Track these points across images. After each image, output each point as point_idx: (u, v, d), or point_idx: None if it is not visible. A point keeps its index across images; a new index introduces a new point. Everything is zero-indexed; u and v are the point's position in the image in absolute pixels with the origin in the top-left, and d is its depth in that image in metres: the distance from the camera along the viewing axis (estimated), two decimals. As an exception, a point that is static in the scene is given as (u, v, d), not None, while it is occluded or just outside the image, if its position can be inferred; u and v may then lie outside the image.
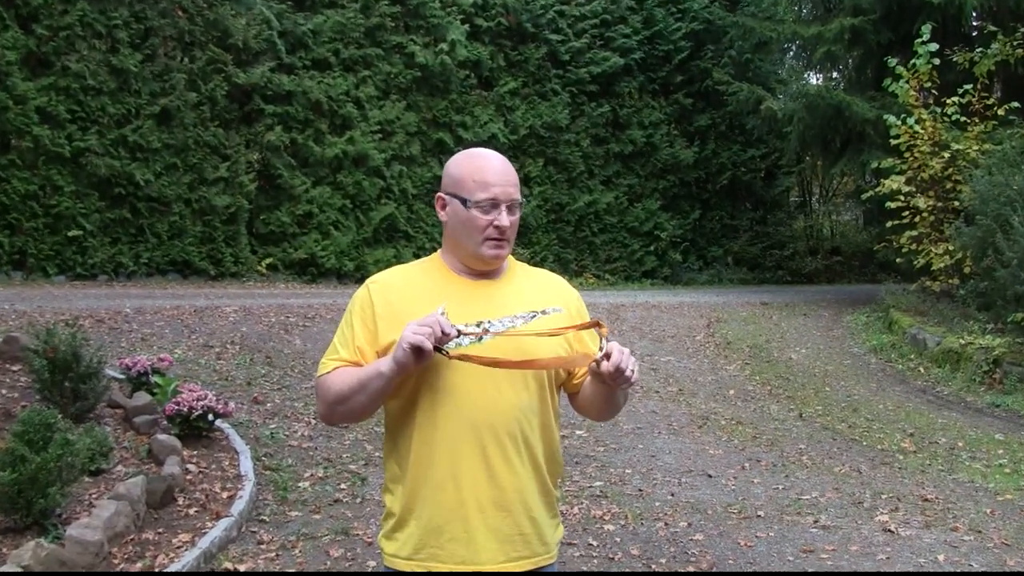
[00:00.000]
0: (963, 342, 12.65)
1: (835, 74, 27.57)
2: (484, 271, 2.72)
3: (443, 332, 2.44)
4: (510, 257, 2.84)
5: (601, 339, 2.55)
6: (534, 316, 2.66)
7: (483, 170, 2.67)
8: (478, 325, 2.58)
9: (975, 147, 15.59)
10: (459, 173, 2.70)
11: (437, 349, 2.45)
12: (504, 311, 2.64)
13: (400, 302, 2.65)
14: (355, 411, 2.64)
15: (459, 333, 2.49)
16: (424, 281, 2.72)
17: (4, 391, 7.61)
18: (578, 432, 9.27)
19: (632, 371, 2.50)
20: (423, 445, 2.59)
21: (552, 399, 2.72)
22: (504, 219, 2.63)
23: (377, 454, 7.92)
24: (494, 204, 2.63)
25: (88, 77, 16.94)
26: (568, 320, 2.71)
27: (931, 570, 6.05)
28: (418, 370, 2.53)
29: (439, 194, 2.76)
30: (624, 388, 2.57)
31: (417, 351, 2.42)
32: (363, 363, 2.62)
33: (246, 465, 7.20)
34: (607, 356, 2.49)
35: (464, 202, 2.65)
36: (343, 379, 2.60)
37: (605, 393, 2.66)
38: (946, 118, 16.10)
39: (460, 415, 2.56)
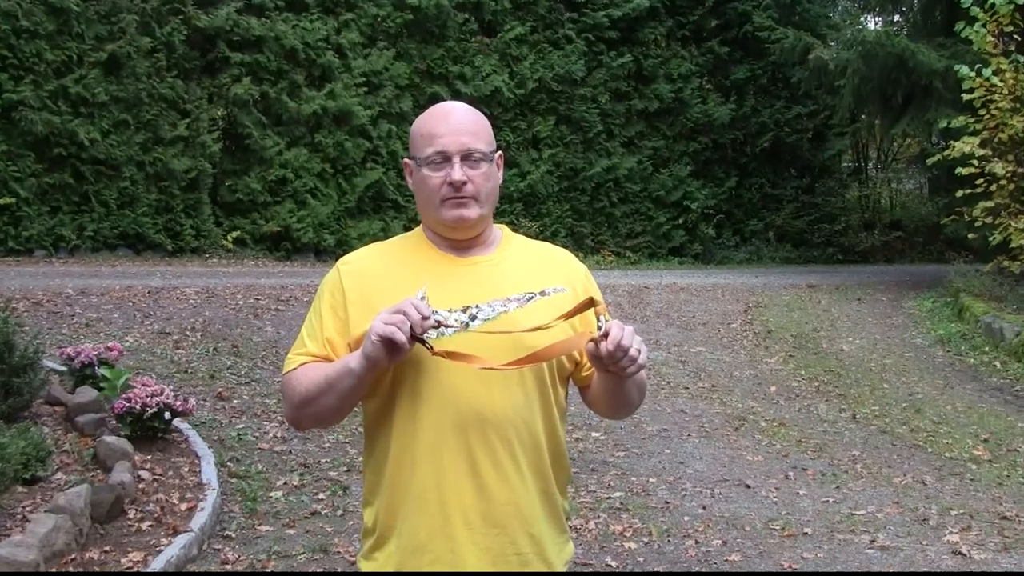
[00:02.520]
0: (1045, 332, 12.63)
1: (897, 17, 27.42)
2: (467, 244, 2.69)
3: (421, 317, 2.39)
4: (505, 229, 2.81)
5: (598, 318, 2.50)
6: (531, 298, 2.61)
7: (430, 122, 2.65)
8: (464, 310, 2.54)
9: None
10: (412, 132, 2.70)
11: (417, 339, 2.41)
12: (495, 292, 2.60)
13: (374, 285, 2.62)
14: (324, 414, 2.62)
15: (439, 324, 2.45)
16: (403, 260, 2.69)
17: (-74, 384, 7.58)
18: (594, 434, 9.25)
19: (638, 351, 2.44)
20: (402, 451, 2.56)
21: (556, 394, 2.68)
22: (457, 172, 2.58)
23: (361, 459, 7.90)
24: (444, 157, 2.59)
25: (21, 18, 16.86)
26: (571, 303, 2.65)
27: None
28: (394, 365, 2.49)
29: (404, 160, 2.74)
30: (632, 374, 2.48)
31: (389, 344, 2.37)
32: (334, 357, 2.59)
33: (209, 472, 7.18)
34: (605, 335, 2.43)
35: (418, 163, 2.64)
36: (310, 377, 2.57)
37: (612, 384, 2.62)
38: (1031, 69, 15.98)
39: (444, 416, 2.52)
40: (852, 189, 29.29)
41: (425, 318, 2.39)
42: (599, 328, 2.46)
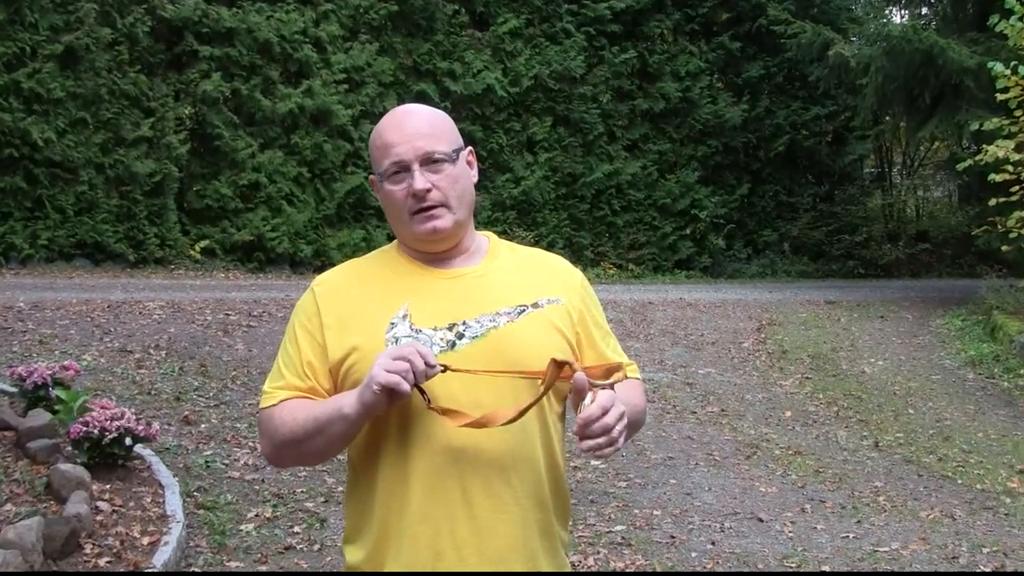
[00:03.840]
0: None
1: (924, 10, 27.42)
2: (448, 254, 2.68)
3: (426, 365, 2.38)
4: (492, 236, 2.80)
5: (587, 395, 2.41)
6: (522, 311, 2.61)
7: (383, 132, 2.63)
8: (450, 328, 2.54)
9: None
10: (369, 147, 2.69)
11: (417, 388, 2.41)
12: (483, 307, 2.59)
13: (350, 306, 2.62)
14: (311, 455, 2.63)
15: (445, 368, 2.43)
16: (379, 276, 2.68)
17: None
18: (593, 462, 9.23)
19: (617, 434, 2.37)
20: (392, 483, 2.54)
21: (554, 418, 2.66)
22: (418, 181, 2.55)
23: (340, 488, 7.89)
24: (402, 166, 2.57)
25: (-32, 6, 16.90)
26: (566, 314, 2.65)
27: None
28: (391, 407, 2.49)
29: (370, 177, 2.74)
30: (601, 455, 2.42)
31: (390, 393, 2.37)
32: (315, 386, 2.58)
33: (173, 502, 7.16)
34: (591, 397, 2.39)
35: (380, 178, 2.63)
36: (295, 417, 2.55)
37: None
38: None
39: (435, 445, 2.50)
40: (875, 197, 29.36)
41: (431, 366, 2.39)
42: (589, 395, 2.39)
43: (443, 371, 2.42)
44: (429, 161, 2.57)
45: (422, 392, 2.43)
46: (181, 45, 19.05)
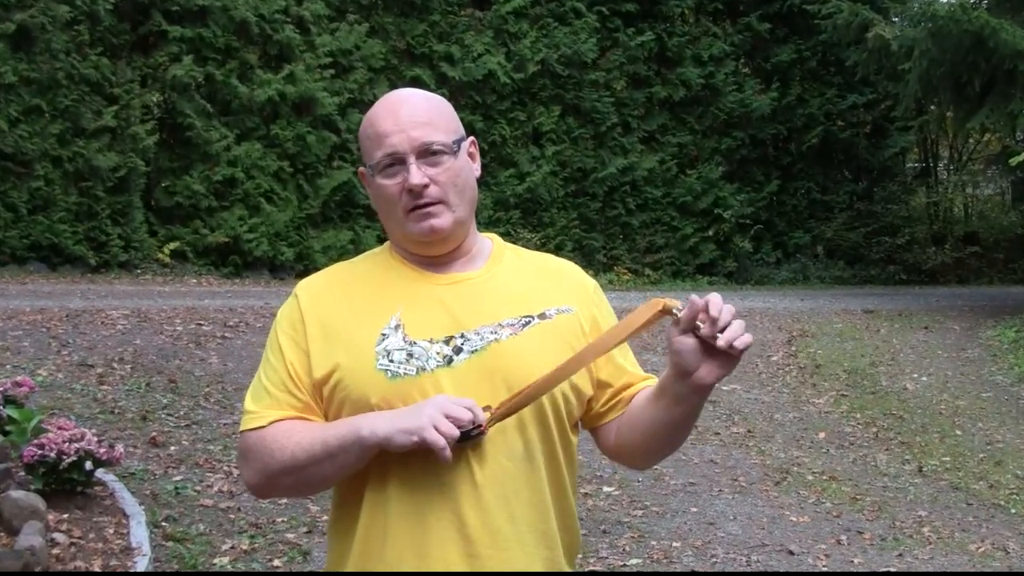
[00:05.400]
0: None
1: (974, -13, 27.50)
2: (446, 258, 2.65)
3: (473, 424, 2.40)
4: (496, 238, 2.78)
5: (673, 310, 2.41)
6: (528, 322, 2.59)
7: (376, 120, 2.60)
8: (447, 341, 2.52)
9: None
10: (360, 136, 2.66)
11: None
12: (484, 318, 2.57)
13: (337, 315, 2.59)
14: (311, 484, 2.60)
15: (482, 429, 2.43)
16: (369, 282, 2.66)
17: None
18: (606, 489, 9.24)
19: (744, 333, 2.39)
20: (376, 512, 2.53)
21: (564, 444, 2.64)
22: (414, 175, 2.52)
23: (325, 517, 7.89)
24: (397, 159, 2.54)
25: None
26: (577, 326, 2.64)
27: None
28: None
29: (359, 169, 2.71)
30: (743, 347, 2.40)
31: (427, 447, 2.37)
32: (309, 403, 2.56)
33: (139, 533, 7.15)
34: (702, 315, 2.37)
35: (371, 171, 2.60)
36: (294, 440, 2.51)
37: (680, 411, 2.54)
38: None
39: (427, 470, 2.47)
40: (918, 195, 29.39)
41: (478, 425, 2.41)
42: (678, 309, 2.40)
43: (482, 434, 2.44)
44: (427, 153, 2.54)
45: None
46: (148, 25, 19.07)
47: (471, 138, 2.69)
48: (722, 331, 2.36)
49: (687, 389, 2.44)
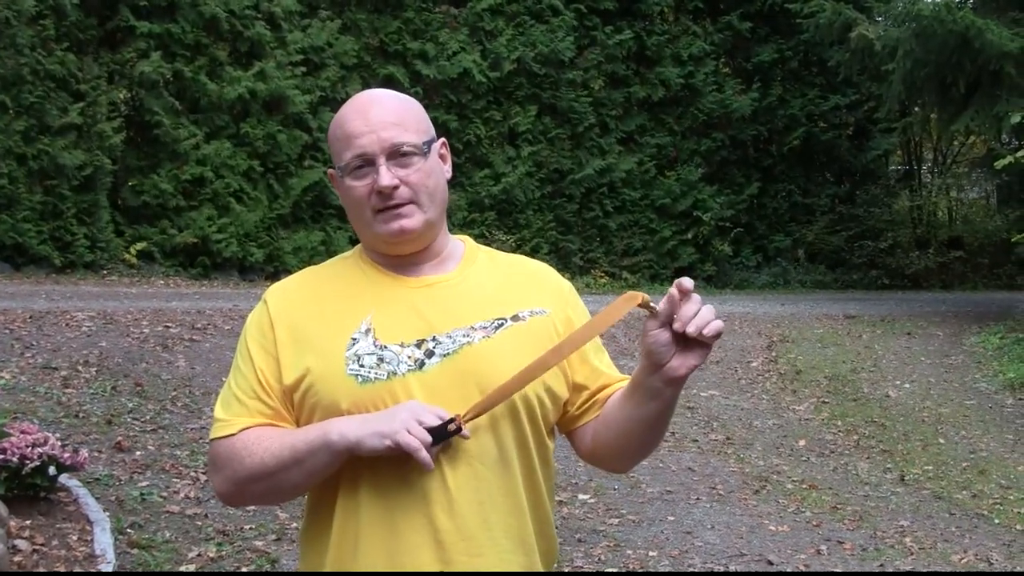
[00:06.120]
0: None
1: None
2: (416, 259, 2.66)
3: (448, 420, 2.43)
4: (469, 240, 2.79)
5: (650, 304, 2.43)
6: (500, 325, 2.59)
7: (345, 121, 2.61)
8: (418, 344, 2.53)
9: None
10: (329, 137, 2.67)
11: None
12: (456, 321, 2.58)
13: (307, 321, 2.60)
14: (282, 491, 2.60)
15: (459, 428, 2.45)
16: (340, 285, 2.67)
17: None
18: (581, 496, 9.25)
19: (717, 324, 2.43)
20: (348, 519, 2.54)
21: (540, 448, 2.65)
22: (384, 177, 2.53)
23: (295, 524, 7.89)
24: (366, 160, 2.55)
25: None
26: (552, 328, 2.64)
27: None
28: None
29: (328, 171, 2.72)
30: (713, 337, 2.44)
31: (401, 452, 2.39)
32: (279, 409, 2.57)
33: (103, 540, 7.14)
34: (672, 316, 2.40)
35: (340, 173, 2.61)
36: (265, 446, 2.51)
37: (654, 406, 2.54)
38: None
39: (399, 475, 2.48)
40: (902, 198, 29.48)
41: (451, 420, 2.43)
42: (652, 306, 2.42)
43: (458, 431, 2.45)
44: (397, 154, 2.55)
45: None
46: (115, 20, 19.03)
47: (442, 139, 2.70)
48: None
49: (660, 383, 2.46)
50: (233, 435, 2.55)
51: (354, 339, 2.52)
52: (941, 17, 19.34)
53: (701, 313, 2.40)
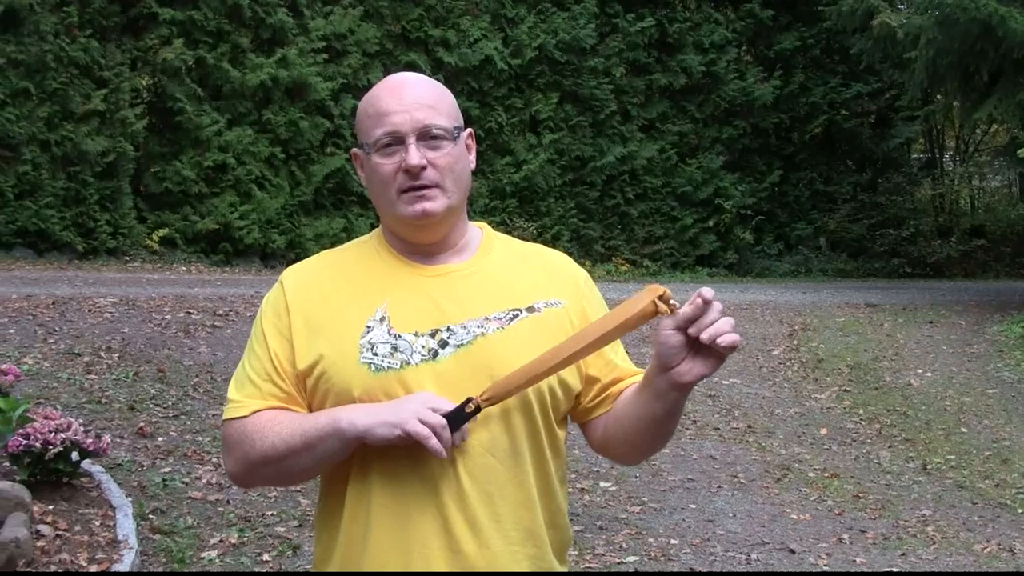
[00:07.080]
0: None
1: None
2: (435, 247, 2.65)
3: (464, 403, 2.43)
4: (486, 228, 2.77)
5: (663, 305, 2.43)
6: (515, 316, 2.58)
7: (378, 99, 2.60)
8: (432, 334, 2.52)
9: None
10: (358, 114, 2.65)
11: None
12: (471, 311, 2.56)
13: (322, 305, 2.59)
14: (291, 475, 2.60)
15: (477, 410, 2.44)
16: (356, 271, 2.65)
17: None
18: (603, 484, 9.23)
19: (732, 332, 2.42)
20: (359, 504, 2.53)
21: (551, 438, 2.63)
22: (413, 156, 2.52)
23: (314, 511, 7.87)
24: (396, 138, 2.54)
25: None
26: (567, 321, 2.62)
27: None
28: None
29: (353, 150, 2.70)
30: (730, 348, 2.43)
31: (412, 442, 2.38)
32: (292, 393, 2.56)
33: (126, 526, 7.14)
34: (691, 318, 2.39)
35: (367, 150, 2.59)
36: (276, 430, 2.51)
37: (660, 407, 2.55)
38: None
39: (408, 464, 2.48)
40: (924, 187, 29.38)
41: (468, 400, 2.42)
42: (671, 310, 2.42)
43: (477, 411, 2.44)
44: (427, 136, 2.54)
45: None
46: (138, 7, 19.02)
47: (469, 130, 2.69)
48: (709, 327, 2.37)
49: (666, 385, 2.45)
50: (245, 417, 2.56)
51: (368, 327, 2.52)
52: (964, 5, 19.22)
53: (719, 323, 2.39)
